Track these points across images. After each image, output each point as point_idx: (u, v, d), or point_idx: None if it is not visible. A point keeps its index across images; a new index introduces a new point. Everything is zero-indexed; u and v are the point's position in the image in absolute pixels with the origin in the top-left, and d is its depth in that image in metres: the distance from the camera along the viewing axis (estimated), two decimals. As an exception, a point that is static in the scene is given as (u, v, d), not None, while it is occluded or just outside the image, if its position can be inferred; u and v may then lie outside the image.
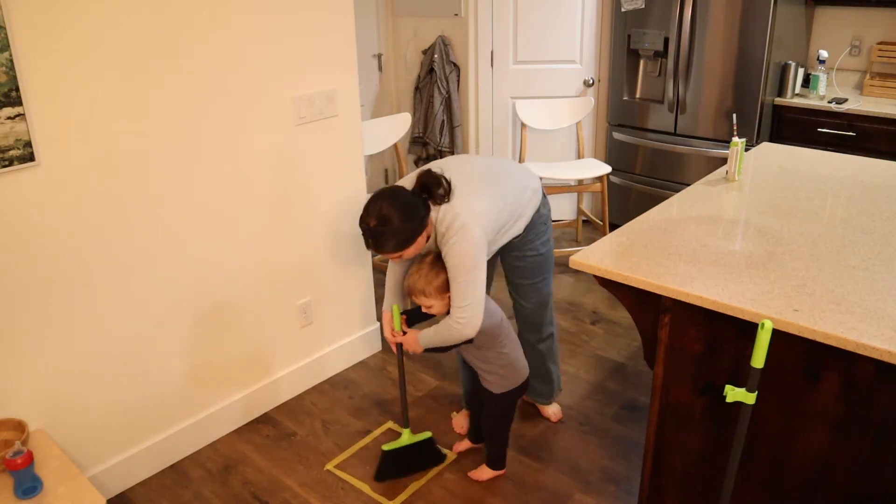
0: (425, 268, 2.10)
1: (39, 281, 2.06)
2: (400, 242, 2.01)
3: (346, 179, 2.88)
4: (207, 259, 2.47)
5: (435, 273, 2.09)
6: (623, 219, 4.24)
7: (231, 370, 2.67)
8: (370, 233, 1.99)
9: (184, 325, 2.47)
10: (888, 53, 3.78)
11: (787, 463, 1.74)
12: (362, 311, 3.16)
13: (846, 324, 1.52)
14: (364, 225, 2.00)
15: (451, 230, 2.03)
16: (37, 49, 1.91)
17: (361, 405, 2.88)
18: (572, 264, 1.90)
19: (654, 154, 4.18)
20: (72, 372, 2.20)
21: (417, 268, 2.13)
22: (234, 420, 2.74)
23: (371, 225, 1.98)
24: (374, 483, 2.44)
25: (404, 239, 2.00)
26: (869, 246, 1.90)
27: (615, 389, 2.93)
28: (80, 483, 1.91)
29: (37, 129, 1.96)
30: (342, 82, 2.76)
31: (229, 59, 2.35)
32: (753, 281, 1.72)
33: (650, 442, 1.99)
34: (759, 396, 1.72)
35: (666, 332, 1.83)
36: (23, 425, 2.00)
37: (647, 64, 4.15)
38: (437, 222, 2.07)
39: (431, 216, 2.06)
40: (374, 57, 4.68)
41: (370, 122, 3.61)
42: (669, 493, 2.01)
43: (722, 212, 2.19)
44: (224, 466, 2.55)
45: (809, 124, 3.74)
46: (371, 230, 1.99)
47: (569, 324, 3.46)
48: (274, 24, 2.46)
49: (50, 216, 2.04)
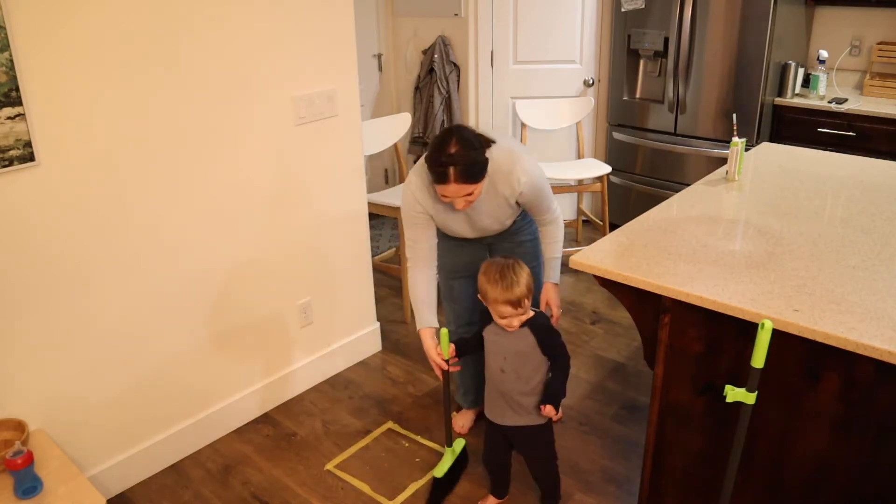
0: (510, 275, 1.96)
1: (39, 281, 2.06)
2: (482, 168, 2.00)
3: (346, 179, 2.88)
4: (207, 259, 2.47)
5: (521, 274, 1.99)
6: (623, 219, 4.24)
7: (231, 370, 2.67)
8: (454, 159, 1.93)
9: (183, 325, 2.47)
10: (888, 53, 3.78)
11: (787, 463, 1.74)
12: (362, 311, 3.16)
13: (846, 324, 1.52)
14: (444, 155, 1.94)
15: (512, 165, 2.10)
16: (37, 49, 1.91)
17: (361, 405, 2.88)
18: (572, 264, 1.90)
19: (654, 154, 4.17)
20: (72, 372, 2.20)
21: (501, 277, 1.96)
22: (234, 420, 2.74)
23: (453, 151, 1.94)
24: (374, 483, 2.44)
25: (483, 166, 2.01)
26: (869, 246, 1.90)
27: (615, 389, 2.93)
28: (80, 483, 1.91)
29: (37, 129, 1.96)
30: (342, 82, 2.76)
31: (229, 59, 2.35)
32: (753, 281, 1.72)
33: (650, 442, 1.99)
34: (759, 396, 1.72)
35: (666, 332, 1.83)
36: (23, 425, 2.00)
37: (647, 64, 4.15)
38: (490, 164, 2.07)
39: None
40: (374, 57, 4.68)
41: (370, 122, 3.61)
42: (669, 493, 2.01)
43: (722, 212, 2.19)
44: (224, 466, 2.55)
45: (809, 124, 3.74)
46: (454, 156, 1.93)
47: (569, 324, 3.46)
48: (274, 24, 2.45)
49: (50, 216, 2.04)
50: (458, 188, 1.99)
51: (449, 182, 1.97)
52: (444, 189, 2.00)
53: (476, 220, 2.23)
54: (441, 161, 1.95)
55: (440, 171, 1.96)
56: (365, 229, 3.05)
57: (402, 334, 3.41)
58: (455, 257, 2.42)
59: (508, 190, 2.14)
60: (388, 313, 3.59)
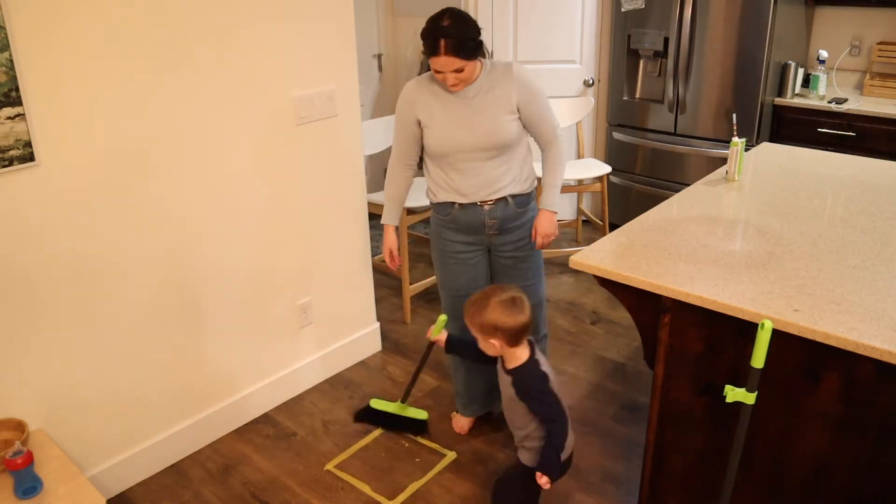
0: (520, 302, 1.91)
1: (39, 281, 2.06)
2: (474, 46, 2.10)
3: (346, 179, 2.88)
4: (207, 259, 2.47)
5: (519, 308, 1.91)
6: (623, 219, 4.23)
7: (231, 370, 2.67)
8: (446, 31, 2.05)
9: (184, 325, 2.47)
10: (888, 53, 3.78)
11: (787, 463, 1.74)
12: (362, 311, 3.16)
13: (846, 324, 1.52)
14: (437, 28, 2.06)
15: (510, 65, 2.23)
16: (37, 49, 1.91)
17: (361, 405, 2.88)
18: (572, 264, 1.90)
19: (654, 154, 4.17)
20: (72, 372, 2.20)
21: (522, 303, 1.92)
22: (234, 420, 2.74)
23: (446, 24, 2.05)
24: (374, 483, 2.44)
25: (475, 45, 2.11)
26: (869, 246, 1.90)
27: (615, 389, 2.93)
28: (80, 483, 1.91)
29: (37, 129, 1.96)
30: (342, 82, 2.76)
31: (229, 59, 2.35)
32: (753, 281, 1.72)
33: (650, 442, 1.99)
34: (759, 396, 1.72)
35: (666, 332, 1.83)
36: (23, 425, 2.00)
37: (647, 64, 4.15)
38: (487, 69, 2.23)
39: None
40: (374, 57, 4.68)
41: (370, 122, 3.62)
42: (669, 493, 2.01)
43: (722, 212, 2.19)
44: (224, 466, 2.55)
45: (809, 124, 3.74)
46: (447, 29, 2.05)
47: (569, 324, 3.46)
48: (274, 24, 2.45)
49: (50, 216, 2.04)
50: (449, 60, 2.07)
51: (440, 53, 2.06)
52: (435, 61, 2.09)
53: (477, 124, 2.21)
54: (434, 33, 2.06)
55: (432, 42, 2.07)
56: (365, 229, 3.05)
57: (402, 334, 3.41)
58: (456, 277, 2.43)
59: (507, 86, 2.22)
60: (388, 313, 3.59)
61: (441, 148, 2.26)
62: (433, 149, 2.28)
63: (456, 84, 2.16)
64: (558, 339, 3.32)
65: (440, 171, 2.32)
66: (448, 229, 2.39)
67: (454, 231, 2.38)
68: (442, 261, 2.45)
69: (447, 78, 2.14)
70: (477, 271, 2.43)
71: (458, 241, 2.39)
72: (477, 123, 2.21)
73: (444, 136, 2.24)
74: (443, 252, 2.43)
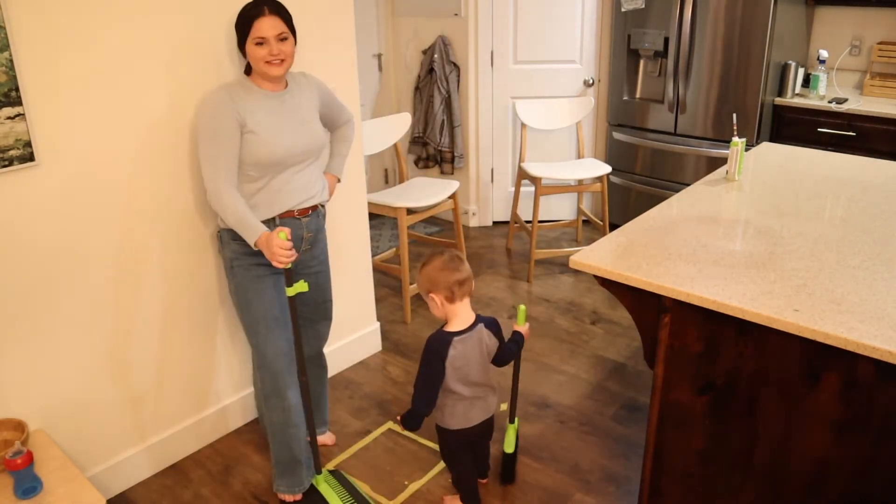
0: (457, 261, 2.05)
1: (39, 281, 2.06)
2: (290, 18, 2.08)
3: (346, 179, 2.88)
4: (207, 258, 2.47)
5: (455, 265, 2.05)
6: (623, 219, 4.24)
7: (231, 370, 2.67)
8: None
9: (184, 325, 2.46)
10: (888, 53, 3.78)
11: (787, 463, 1.74)
12: (362, 311, 3.16)
13: (846, 324, 1.52)
14: None
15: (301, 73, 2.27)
16: (37, 49, 1.91)
17: (361, 405, 2.88)
18: (572, 264, 1.90)
19: (654, 154, 4.17)
20: (72, 372, 2.20)
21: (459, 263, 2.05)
22: (234, 420, 2.74)
23: None
24: (374, 483, 2.44)
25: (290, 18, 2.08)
26: (869, 246, 1.90)
27: (615, 389, 2.93)
28: (80, 483, 1.91)
29: (37, 129, 1.96)
30: (342, 82, 2.76)
31: (229, 59, 2.35)
32: (753, 281, 1.72)
33: (650, 442, 1.99)
34: (759, 396, 1.72)
35: (666, 332, 1.83)
36: (23, 425, 2.00)
37: (647, 64, 4.15)
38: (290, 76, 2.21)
39: None
40: (374, 57, 4.68)
41: (370, 122, 3.61)
42: (669, 493, 2.01)
43: (722, 212, 2.19)
44: (224, 466, 2.55)
45: (809, 124, 3.74)
46: None
47: (569, 324, 3.46)
48: (274, 24, 2.45)
49: (50, 216, 2.04)
50: (274, 22, 2.01)
51: (264, 14, 2.00)
52: (259, 26, 2.00)
53: (301, 127, 2.15)
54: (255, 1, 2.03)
55: (255, 4, 2.01)
56: (365, 229, 3.05)
57: (402, 334, 3.41)
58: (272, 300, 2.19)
59: (310, 89, 2.24)
60: (388, 313, 3.59)
61: (272, 155, 2.08)
62: (261, 157, 2.07)
63: (279, 60, 2.03)
64: (558, 339, 3.32)
65: (254, 186, 2.11)
66: (259, 254, 2.10)
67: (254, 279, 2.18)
68: (252, 289, 2.17)
69: (271, 47, 2.01)
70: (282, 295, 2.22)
71: (267, 263, 2.14)
72: (300, 127, 2.16)
73: (275, 142, 2.08)
74: (251, 281, 2.16)
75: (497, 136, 4.51)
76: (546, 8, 4.20)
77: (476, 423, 2.15)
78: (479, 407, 2.15)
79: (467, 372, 2.06)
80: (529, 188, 4.42)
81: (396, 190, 3.63)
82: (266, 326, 2.18)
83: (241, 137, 2.05)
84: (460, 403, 2.10)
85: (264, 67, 2.05)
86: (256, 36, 2.02)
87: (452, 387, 2.06)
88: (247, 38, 2.04)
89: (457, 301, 2.04)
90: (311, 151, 2.20)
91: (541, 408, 2.82)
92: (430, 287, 2.04)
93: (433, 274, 2.04)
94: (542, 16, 4.23)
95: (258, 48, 2.03)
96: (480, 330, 2.08)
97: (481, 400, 2.14)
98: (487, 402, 2.17)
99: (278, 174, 2.13)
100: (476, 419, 2.15)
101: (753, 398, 1.74)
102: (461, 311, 2.06)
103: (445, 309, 2.05)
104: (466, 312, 2.07)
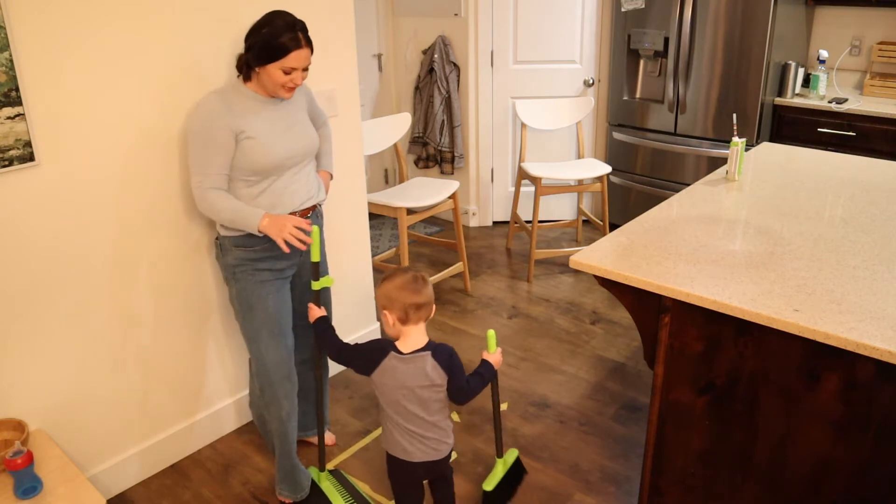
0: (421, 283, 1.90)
1: (39, 281, 2.06)
2: None
3: (346, 179, 2.88)
4: (207, 258, 2.47)
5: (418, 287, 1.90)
6: (623, 219, 4.24)
7: (231, 370, 2.67)
8: (302, 24, 2.02)
9: (184, 325, 2.46)
10: (888, 53, 3.78)
11: (787, 463, 1.74)
12: (362, 311, 3.16)
13: (846, 324, 1.52)
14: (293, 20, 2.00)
15: None
16: (37, 49, 1.91)
17: (361, 405, 2.88)
18: (572, 264, 1.90)
19: (654, 154, 4.18)
20: (72, 372, 2.20)
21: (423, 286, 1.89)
22: (234, 420, 2.74)
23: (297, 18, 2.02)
24: (374, 483, 2.44)
25: None
26: (869, 246, 1.90)
27: (615, 389, 2.93)
28: (80, 483, 1.91)
29: (37, 129, 1.96)
30: (342, 82, 2.76)
31: (230, 59, 2.35)
32: (753, 281, 1.72)
33: (650, 442, 1.99)
34: (759, 396, 1.72)
35: (666, 332, 1.83)
36: (23, 425, 2.00)
37: (647, 64, 4.15)
38: None
39: None
40: (374, 57, 4.68)
41: (370, 122, 3.61)
42: (669, 493, 2.01)
43: (722, 212, 2.19)
44: (224, 466, 2.55)
45: (809, 124, 3.74)
46: (301, 21, 2.02)
47: (569, 324, 3.46)
48: (274, 24, 2.45)
49: (50, 216, 2.04)
50: (307, 54, 2.01)
51: (302, 46, 1.99)
52: (296, 57, 1.99)
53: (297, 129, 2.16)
54: (293, 27, 1.98)
55: (292, 36, 1.97)
56: (365, 229, 3.05)
57: (402, 334, 3.41)
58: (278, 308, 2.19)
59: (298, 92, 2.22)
60: (388, 313, 3.59)
61: (272, 159, 2.07)
62: (262, 161, 2.05)
63: (293, 89, 2.07)
64: (558, 339, 3.32)
65: (255, 190, 2.10)
66: (263, 259, 2.14)
67: (273, 259, 2.16)
68: (255, 295, 2.16)
69: (296, 78, 2.03)
70: (287, 298, 2.24)
71: (270, 268, 2.17)
72: (297, 129, 2.16)
73: (274, 146, 2.07)
74: (254, 286, 2.16)
75: (497, 136, 4.51)
76: (546, 8, 4.20)
77: (417, 460, 1.95)
78: (420, 446, 1.93)
79: (396, 397, 1.88)
80: (529, 188, 4.42)
81: (396, 190, 3.63)
82: (268, 334, 2.18)
83: (239, 144, 2.03)
84: (395, 429, 1.93)
85: (280, 91, 2.05)
86: (288, 65, 2.00)
87: (382, 404, 1.93)
88: (273, 61, 1.99)
89: (410, 324, 1.88)
90: (309, 152, 2.21)
91: (541, 408, 2.82)
92: (385, 303, 1.88)
93: (392, 291, 1.87)
94: (542, 16, 4.23)
95: (282, 74, 2.01)
96: (425, 358, 1.86)
97: (419, 438, 1.92)
98: (430, 444, 1.94)
99: (279, 177, 2.13)
100: (417, 457, 1.94)
101: (753, 398, 1.74)
102: (413, 334, 1.89)
103: (397, 329, 1.89)
104: (418, 336, 1.89)
